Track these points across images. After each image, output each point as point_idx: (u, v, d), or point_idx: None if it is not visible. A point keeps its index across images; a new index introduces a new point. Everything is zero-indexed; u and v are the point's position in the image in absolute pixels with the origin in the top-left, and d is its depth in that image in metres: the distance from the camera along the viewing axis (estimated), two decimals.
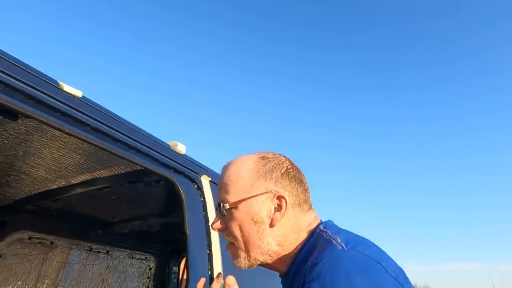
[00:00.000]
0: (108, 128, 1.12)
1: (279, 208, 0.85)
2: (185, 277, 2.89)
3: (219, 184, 0.93)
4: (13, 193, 1.87)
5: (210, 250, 1.40)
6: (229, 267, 1.40)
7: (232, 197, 0.87)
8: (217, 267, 1.44)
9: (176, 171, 1.37)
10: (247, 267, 0.90)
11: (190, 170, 1.49)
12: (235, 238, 0.88)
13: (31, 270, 2.22)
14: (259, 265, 0.91)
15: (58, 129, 1.01)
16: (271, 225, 0.85)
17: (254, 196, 0.85)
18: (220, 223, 0.91)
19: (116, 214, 2.35)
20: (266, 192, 0.85)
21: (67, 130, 1.00)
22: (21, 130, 1.30)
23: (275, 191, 0.85)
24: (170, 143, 1.44)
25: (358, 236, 0.88)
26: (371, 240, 0.90)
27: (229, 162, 0.93)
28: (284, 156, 0.94)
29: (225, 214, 0.88)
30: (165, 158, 1.33)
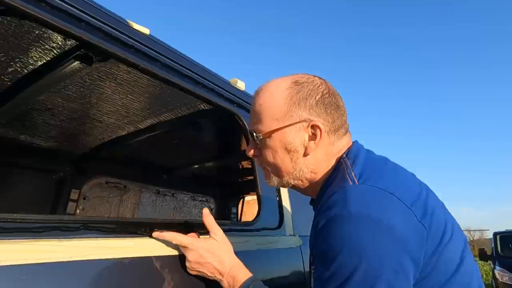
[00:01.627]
0: (176, 64, 1.15)
1: (313, 136, 0.83)
2: (243, 217, 3.07)
3: (251, 111, 0.91)
4: (89, 141, 2.05)
5: None
6: (296, 196, 1.46)
7: (265, 127, 0.85)
8: (285, 199, 1.51)
9: (239, 105, 1.40)
10: (279, 186, 0.91)
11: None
12: (269, 164, 0.88)
13: (111, 210, 2.49)
14: (291, 188, 0.93)
15: (133, 66, 1.06)
16: (305, 154, 0.84)
17: (287, 126, 0.82)
18: (254, 151, 0.91)
19: (178, 158, 2.50)
20: (300, 121, 0.82)
21: (141, 66, 1.05)
22: (94, 76, 1.38)
23: (309, 119, 0.82)
24: (231, 80, 1.46)
25: (377, 162, 0.84)
26: (395, 162, 0.87)
27: (260, 87, 0.90)
28: (320, 78, 0.88)
29: (258, 143, 0.87)
30: (229, 94, 1.36)
